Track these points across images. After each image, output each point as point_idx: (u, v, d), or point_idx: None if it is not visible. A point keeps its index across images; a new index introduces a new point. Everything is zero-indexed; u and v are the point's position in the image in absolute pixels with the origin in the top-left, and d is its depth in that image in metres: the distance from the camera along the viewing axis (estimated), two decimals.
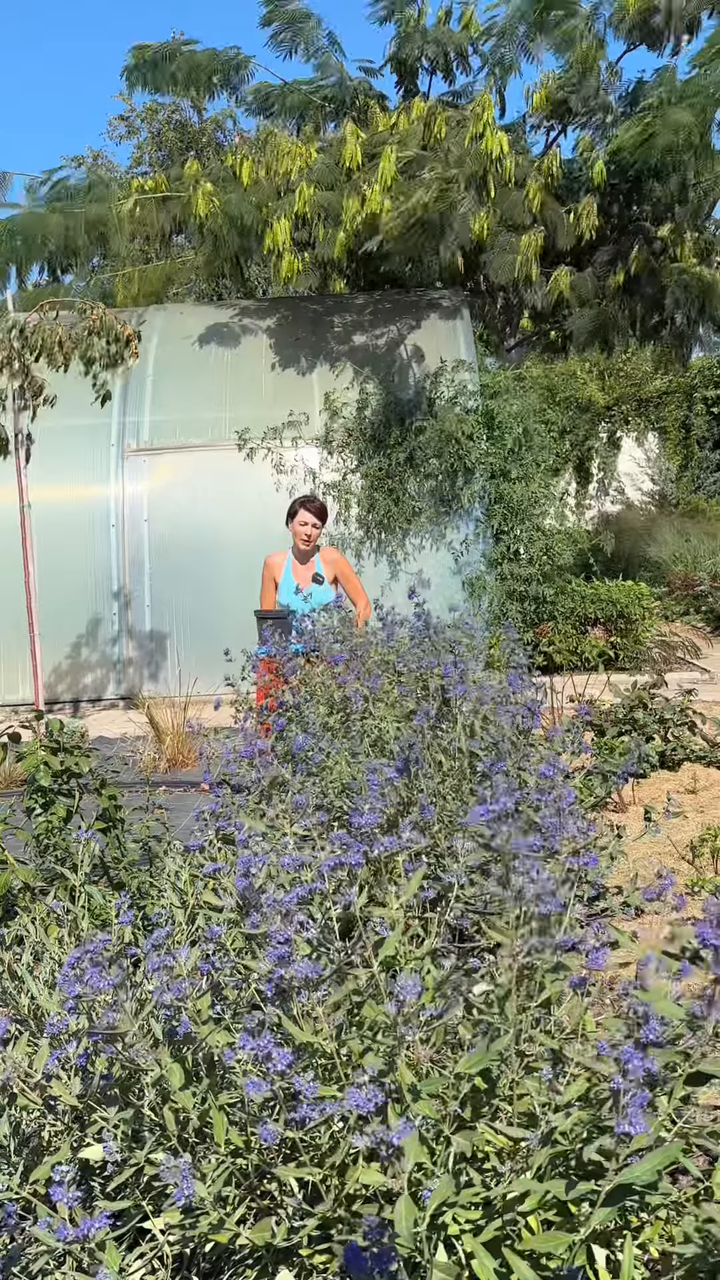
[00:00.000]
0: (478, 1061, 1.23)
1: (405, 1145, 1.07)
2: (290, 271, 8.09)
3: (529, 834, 1.48)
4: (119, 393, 8.49)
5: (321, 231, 8.15)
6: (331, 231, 8.11)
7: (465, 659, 3.02)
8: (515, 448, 8.46)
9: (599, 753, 4.54)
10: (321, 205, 8.08)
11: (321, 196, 8.09)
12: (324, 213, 8.12)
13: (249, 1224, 1.52)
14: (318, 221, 8.11)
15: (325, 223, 8.13)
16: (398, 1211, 1.08)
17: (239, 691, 3.37)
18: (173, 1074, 1.54)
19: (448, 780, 2.61)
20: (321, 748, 2.65)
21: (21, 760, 3.30)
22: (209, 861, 1.92)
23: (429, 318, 9.15)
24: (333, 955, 1.49)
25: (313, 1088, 1.24)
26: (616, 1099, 0.98)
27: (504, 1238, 1.24)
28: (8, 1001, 2.14)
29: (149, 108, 17.72)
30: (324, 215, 8.12)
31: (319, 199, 8.05)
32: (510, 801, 1.42)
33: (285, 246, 7.96)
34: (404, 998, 1.16)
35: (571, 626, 8.33)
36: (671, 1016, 1.17)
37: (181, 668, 8.13)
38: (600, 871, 2.80)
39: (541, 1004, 1.44)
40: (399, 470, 8.38)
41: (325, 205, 8.10)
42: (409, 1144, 1.08)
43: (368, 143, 8.35)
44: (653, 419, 16.46)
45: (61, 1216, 1.36)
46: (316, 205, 8.03)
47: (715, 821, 4.23)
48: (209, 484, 8.49)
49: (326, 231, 8.14)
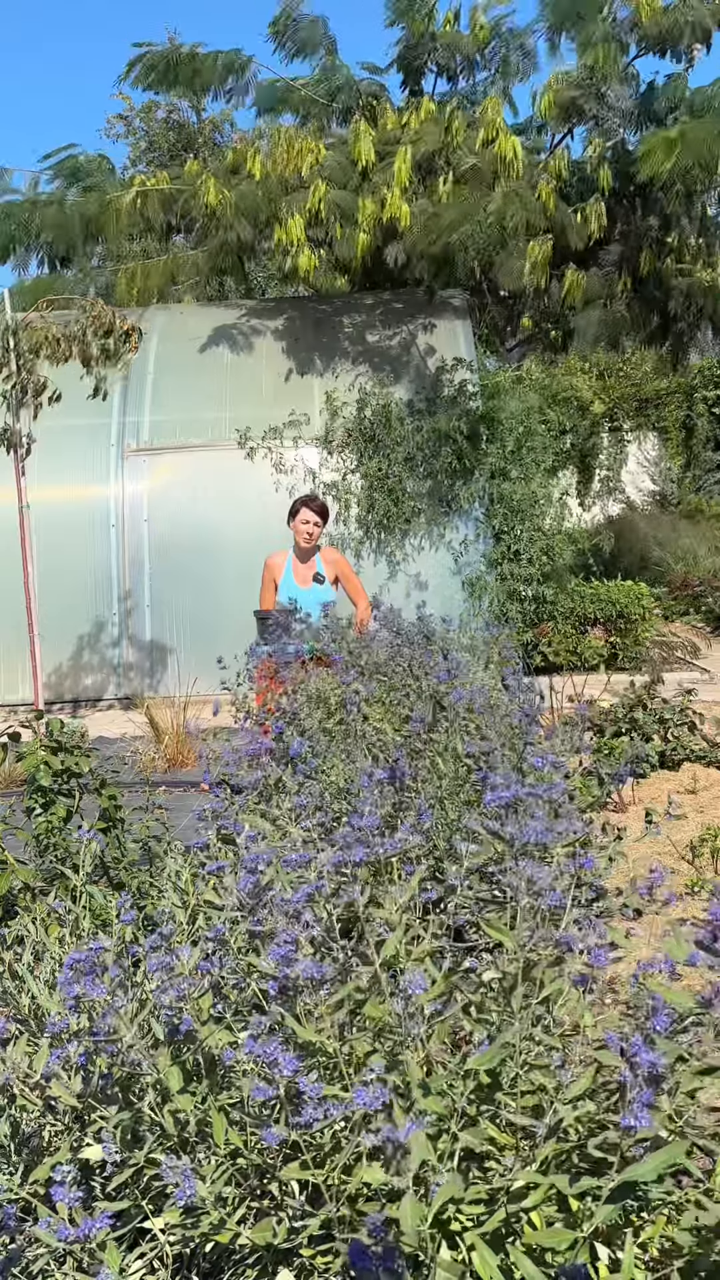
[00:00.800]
0: (490, 1058, 1.23)
1: (412, 1143, 1.07)
2: (309, 267, 8.06)
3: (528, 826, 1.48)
4: (119, 392, 8.48)
5: (339, 230, 8.13)
6: (350, 231, 8.10)
7: (459, 662, 3.02)
8: (515, 448, 8.46)
9: (598, 752, 4.54)
10: (336, 203, 8.06)
11: (336, 195, 8.06)
12: (339, 211, 8.10)
13: (249, 1224, 1.52)
14: (333, 220, 8.09)
15: (341, 222, 8.11)
16: (403, 1209, 1.08)
17: (236, 695, 3.37)
18: (171, 1078, 1.54)
19: (443, 783, 2.61)
20: (317, 752, 2.64)
21: (21, 760, 3.30)
22: (210, 860, 1.92)
23: (430, 317, 9.15)
24: (336, 955, 1.48)
25: (317, 1089, 1.23)
26: (623, 1093, 0.98)
27: (507, 1233, 1.23)
28: (8, 1001, 2.14)
29: (146, 107, 17.72)
30: (339, 214, 8.10)
31: (334, 197, 8.03)
32: (519, 790, 1.43)
33: (301, 242, 7.93)
34: (411, 993, 1.15)
35: (571, 626, 8.33)
36: (682, 1007, 1.17)
37: (181, 668, 8.12)
38: (598, 872, 2.79)
39: (541, 1001, 1.44)
40: (398, 470, 8.37)
41: (340, 204, 8.08)
42: (416, 1142, 1.08)
43: (379, 140, 8.33)
44: (653, 419, 16.46)
45: (62, 1216, 1.36)
46: (331, 203, 8.01)
47: (715, 821, 4.23)
48: (209, 484, 8.49)
49: (344, 231, 8.12)
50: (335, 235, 8.16)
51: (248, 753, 2.52)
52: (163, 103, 17.37)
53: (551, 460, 8.81)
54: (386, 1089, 1.12)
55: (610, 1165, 1.14)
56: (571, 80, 8.81)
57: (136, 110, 17.96)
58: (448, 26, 9.02)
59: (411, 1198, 1.08)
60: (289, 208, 8.00)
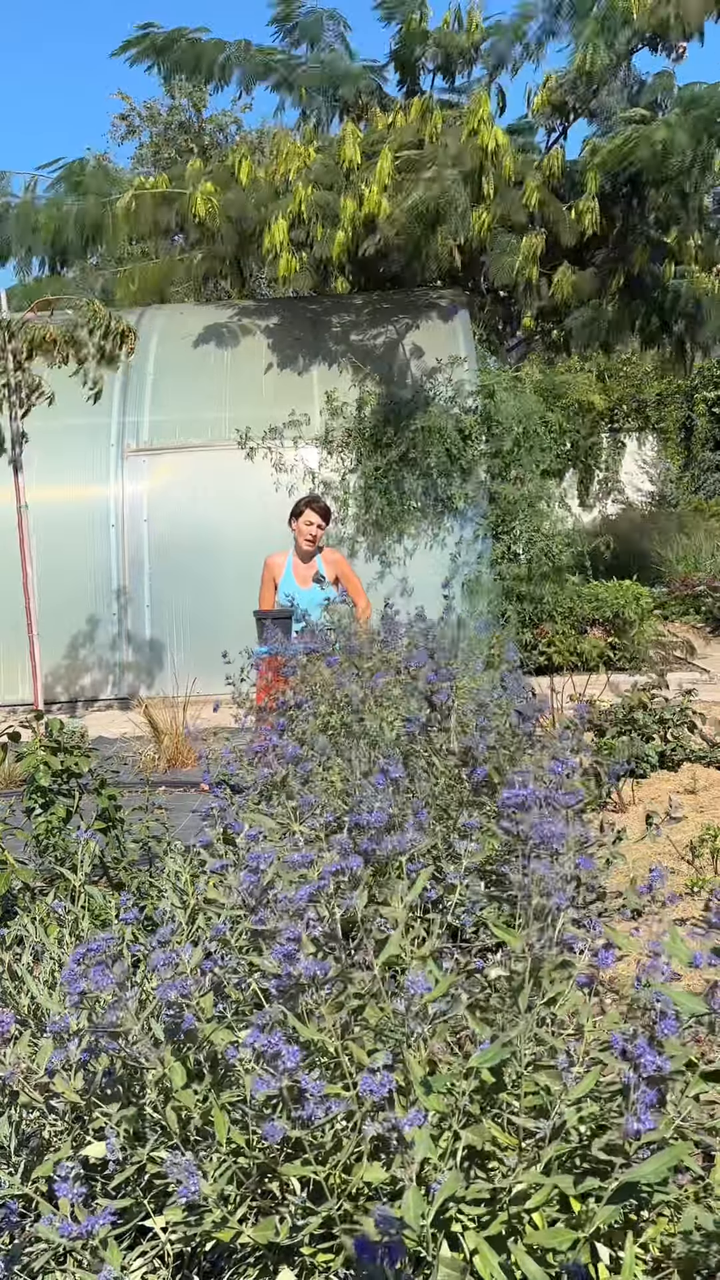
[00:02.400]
0: (493, 1055, 1.23)
1: (415, 1135, 1.07)
2: (288, 270, 8.08)
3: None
4: (119, 393, 8.48)
5: (319, 231, 8.15)
6: (330, 231, 8.11)
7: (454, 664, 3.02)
8: (513, 448, 8.46)
9: (599, 752, 4.54)
10: (319, 205, 8.08)
11: (319, 196, 8.09)
12: (321, 212, 8.11)
13: (251, 1223, 1.52)
14: (315, 221, 8.11)
15: (323, 222, 8.13)
16: (406, 1203, 1.08)
17: (239, 692, 3.37)
18: (175, 1073, 1.54)
19: (440, 782, 2.61)
20: (314, 755, 2.64)
21: (21, 760, 3.30)
22: (213, 859, 1.92)
23: (428, 317, 9.15)
24: (337, 954, 1.48)
25: (319, 1085, 1.24)
26: (627, 1095, 0.98)
27: (509, 1233, 1.24)
28: (8, 1002, 2.14)
29: (148, 106, 17.73)
30: (321, 215, 8.12)
31: (317, 198, 8.05)
32: (534, 791, 1.43)
33: (283, 246, 7.96)
34: (414, 992, 1.16)
35: (570, 627, 8.33)
36: (688, 1009, 1.17)
37: (180, 668, 8.12)
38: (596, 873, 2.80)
39: (546, 1001, 1.44)
40: (396, 470, 8.38)
41: (323, 205, 8.10)
42: (419, 1134, 1.08)
43: (365, 142, 8.34)
44: (652, 420, 16.48)
45: (64, 1213, 1.36)
46: (314, 205, 8.03)
47: (715, 821, 4.23)
48: (209, 484, 8.49)
49: (324, 231, 8.14)
50: (315, 236, 8.18)
51: (257, 748, 2.52)
52: (160, 105, 17.38)
53: (551, 460, 8.81)
54: (391, 1076, 1.12)
55: (613, 1166, 1.15)
56: (561, 79, 8.84)
57: (137, 109, 17.98)
58: (445, 25, 9.02)
59: (415, 1191, 1.09)
60: (274, 213, 8.03)
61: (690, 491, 15.94)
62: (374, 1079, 1.10)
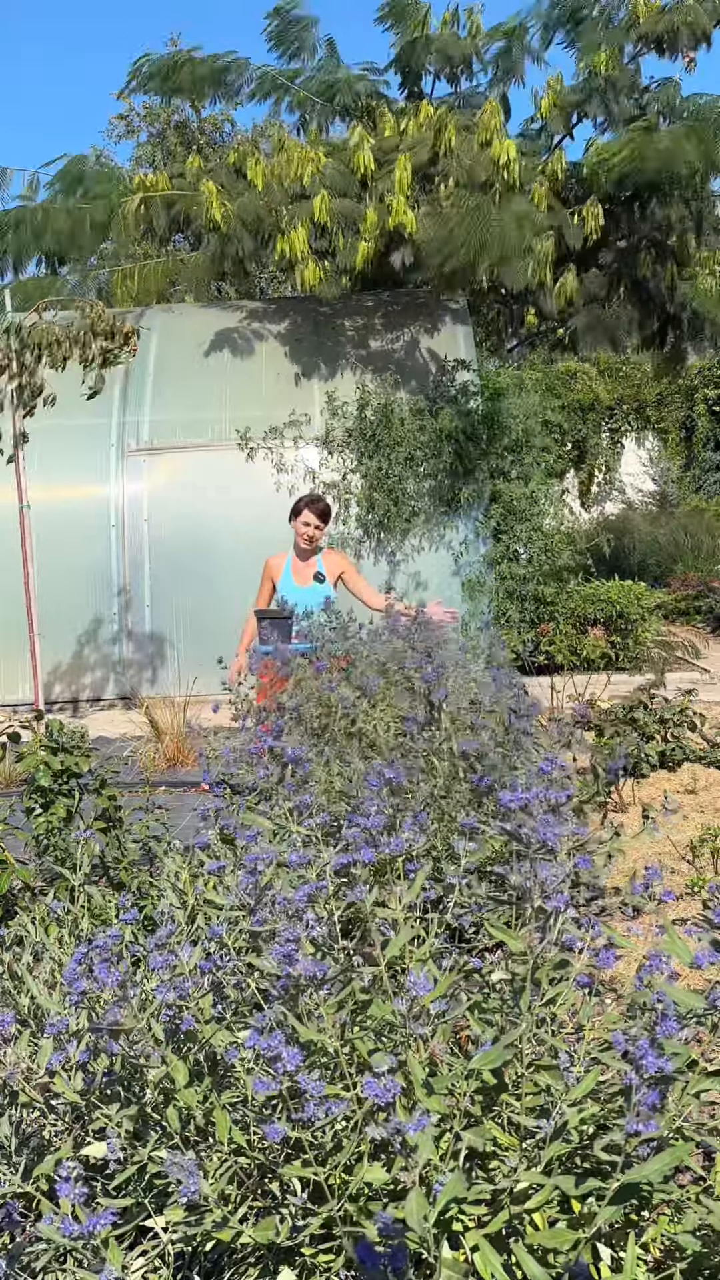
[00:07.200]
0: (495, 1057, 1.23)
1: (419, 1139, 1.07)
2: (314, 279, 8.07)
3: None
4: (119, 393, 8.48)
5: (342, 240, 8.14)
6: (352, 240, 8.11)
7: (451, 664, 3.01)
8: (515, 448, 8.46)
9: (599, 752, 4.54)
10: (340, 214, 8.07)
11: (340, 204, 8.08)
12: (343, 221, 8.11)
13: (251, 1223, 1.52)
14: (337, 230, 8.11)
15: (345, 232, 8.13)
16: (409, 1205, 1.08)
17: (237, 694, 3.37)
18: (177, 1071, 1.54)
19: (438, 783, 2.61)
20: (312, 757, 2.64)
21: (21, 760, 3.30)
22: (211, 860, 1.92)
23: (430, 316, 9.15)
24: (337, 954, 1.48)
25: (319, 1086, 1.23)
26: (628, 1095, 0.98)
27: (510, 1233, 1.24)
28: (8, 1002, 2.14)
29: (147, 106, 17.73)
30: (343, 224, 8.12)
31: (338, 207, 8.04)
32: (540, 792, 1.43)
33: (304, 254, 7.95)
34: (415, 993, 1.16)
35: (571, 626, 8.33)
36: (690, 1007, 1.17)
37: (181, 668, 8.12)
38: (595, 872, 2.79)
39: (546, 1002, 1.44)
40: (398, 470, 8.37)
41: (343, 214, 8.10)
42: (423, 1138, 1.08)
43: (377, 148, 8.33)
44: (653, 420, 16.48)
45: (65, 1213, 1.36)
46: (336, 214, 8.02)
47: (715, 821, 4.23)
48: (209, 484, 8.48)
49: (346, 240, 8.14)
50: (339, 246, 8.17)
51: (255, 749, 2.52)
52: (159, 106, 17.39)
53: (553, 460, 8.81)
54: (396, 1080, 1.12)
55: (614, 1166, 1.15)
56: (577, 85, 8.82)
57: (136, 110, 17.98)
58: (444, 30, 9.00)
59: (418, 1193, 1.08)
60: (292, 219, 8.01)
61: (691, 491, 15.94)
62: (378, 1083, 1.10)
